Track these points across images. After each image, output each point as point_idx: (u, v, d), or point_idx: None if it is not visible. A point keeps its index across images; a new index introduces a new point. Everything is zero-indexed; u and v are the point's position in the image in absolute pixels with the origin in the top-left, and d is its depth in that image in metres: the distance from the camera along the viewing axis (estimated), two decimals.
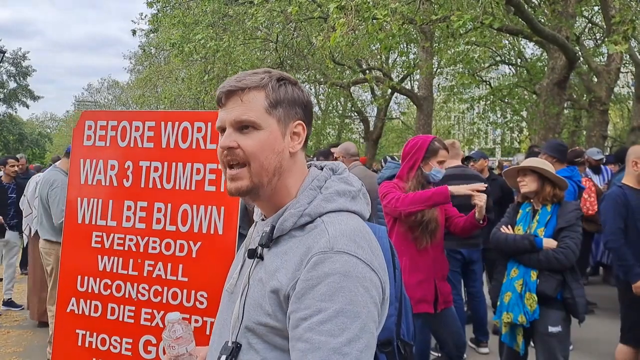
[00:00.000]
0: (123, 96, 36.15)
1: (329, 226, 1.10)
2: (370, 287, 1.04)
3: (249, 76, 1.17)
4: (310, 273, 1.03)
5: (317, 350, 0.96)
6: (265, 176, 1.14)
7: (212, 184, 2.52)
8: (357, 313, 1.00)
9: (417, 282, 3.26)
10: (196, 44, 10.44)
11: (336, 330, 0.98)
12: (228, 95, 1.16)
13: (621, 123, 22.42)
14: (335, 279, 1.01)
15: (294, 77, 1.25)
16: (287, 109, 1.18)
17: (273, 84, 1.17)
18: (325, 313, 0.99)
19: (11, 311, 6.48)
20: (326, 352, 0.96)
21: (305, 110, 1.22)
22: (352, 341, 0.98)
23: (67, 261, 2.73)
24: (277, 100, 1.16)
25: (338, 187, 1.19)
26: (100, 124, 2.74)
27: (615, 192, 3.82)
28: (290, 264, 1.08)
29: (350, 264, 1.03)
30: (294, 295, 1.04)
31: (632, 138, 10.57)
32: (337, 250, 1.05)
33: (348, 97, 18.09)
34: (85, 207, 2.70)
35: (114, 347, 2.57)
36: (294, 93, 1.19)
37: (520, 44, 16.33)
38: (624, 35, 6.27)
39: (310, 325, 0.99)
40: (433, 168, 3.32)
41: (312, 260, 1.05)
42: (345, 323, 0.98)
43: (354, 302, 1.00)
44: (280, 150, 1.16)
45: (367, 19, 6.37)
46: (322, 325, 0.98)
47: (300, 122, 1.20)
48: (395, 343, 1.45)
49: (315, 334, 0.98)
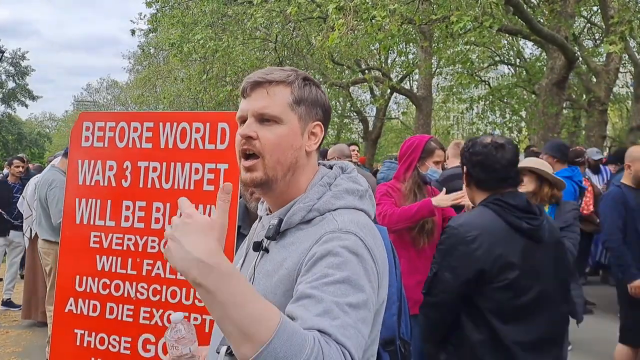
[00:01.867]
0: (122, 96, 36.11)
1: (337, 216, 1.13)
2: (370, 272, 1.06)
3: (277, 71, 1.20)
4: (321, 247, 1.05)
5: (320, 302, 0.95)
6: (280, 170, 1.16)
7: (211, 184, 2.52)
8: (361, 287, 1.00)
9: (417, 282, 3.25)
10: (195, 44, 10.45)
11: (339, 293, 0.97)
12: (254, 87, 1.18)
13: (620, 123, 22.43)
14: (344, 253, 1.03)
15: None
16: (309, 108, 1.20)
17: (299, 82, 1.20)
18: (332, 277, 0.99)
19: (10, 311, 6.49)
20: (329, 304, 0.94)
21: (325, 112, 1.25)
22: (353, 307, 0.97)
23: (64, 261, 2.74)
24: (300, 98, 1.19)
25: (347, 185, 1.21)
26: (98, 125, 2.74)
27: (614, 191, 3.84)
28: (298, 252, 1.10)
29: (358, 245, 1.06)
30: (304, 267, 1.05)
31: (631, 138, 10.57)
32: (346, 231, 1.07)
33: (347, 97, 18.08)
34: (84, 207, 2.70)
35: (113, 346, 2.58)
36: (317, 94, 1.22)
37: (519, 44, 16.33)
38: (621, 35, 6.28)
39: (314, 285, 0.98)
40: (429, 168, 3.32)
41: (323, 238, 1.07)
42: (349, 290, 0.98)
43: (359, 276, 1.02)
44: (298, 147, 1.18)
45: (366, 19, 6.38)
46: (326, 286, 0.98)
47: (319, 124, 1.23)
48: (397, 342, 1.46)
49: (319, 291, 0.97)
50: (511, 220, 2.09)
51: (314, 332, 0.88)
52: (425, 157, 3.33)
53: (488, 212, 2.13)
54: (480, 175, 2.22)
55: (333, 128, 24.24)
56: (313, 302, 0.95)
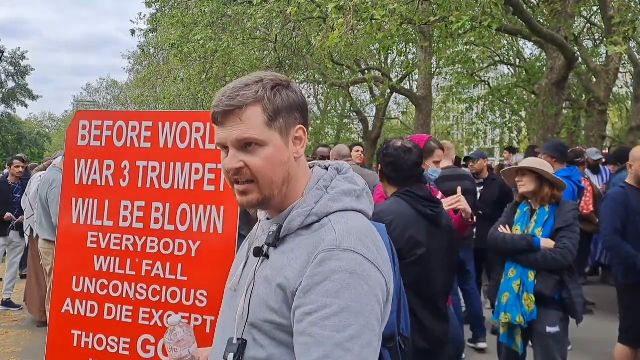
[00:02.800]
0: (122, 96, 36.08)
1: (336, 225, 1.11)
2: (375, 285, 1.06)
3: (242, 90, 1.13)
4: (317, 269, 1.05)
5: (321, 345, 0.97)
6: (275, 188, 1.15)
7: (211, 184, 2.51)
8: (361, 311, 1.01)
9: None
10: (195, 44, 10.43)
11: (340, 326, 0.98)
12: (225, 115, 1.13)
13: (620, 123, 22.42)
14: (341, 277, 1.02)
15: (292, 78, 1.25)
16: (286, 116, 1.16)
17: (269, 95, 1.14)
18: (330, 309, 1.00)
19: (10, 311, 6.48)
20: (329, 347, 0.97)
21: (303, 112, 1.21)
22: (355, 337, 0.98)
23: (61, 262, 2.72)
24: (275, 112, 1.14)
25: (344, 186, 1.20)
26: (95, 124, 2.72)
27: (616, 191, 3.80)
28: (297, 261, 1.09)
29: (357, 262, 1.05)
30: (300, 290, 1.05)
31: (631, 138, 10.57)
32: (344, 248, 1.06)
33: (347, 97, 18.06)
34: (80, 207, 2.68)
35: (112, 347, 2.57)
36: (289, 98, 1.17)
37: (519, 44, 16.33)
38: (624, 36, 6.27)
39: (314, 320, 1.00)
40: (429, 168, 3.33)
41: (319, 257, 1.06)
42: (349, 319, 0.99)
43: (359, 299, 1.02)
44: (287, 160, 1.16)
45: (366, 19, 6.37)
46: (326, 321, 0.99)
47: (301, 126, 1.20)
48: (397, 338, 1.46)
49: (319, 329, 0.99)
50: (419, 207, 2.54)
51: None
52: (425, 157, 3.33)
53: (401, 201, 2.57)
54: (391, 173, 2.67)
55: (333, 128, 24.25)
56: (314, 343, 0.98)
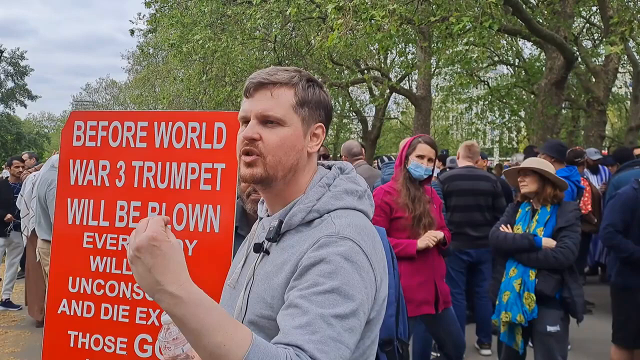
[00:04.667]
0: (121, 96, 36.07)
1: (336, 219, 1.13)
2: (366, 278, 1.06)
3: (281, 72, 1.19)
4: (315, 253, 1.06)
5: (305, 314, 0.97)
6: (281, 170, 1.16)
7: (207, 183, 2.50)
8: (351, 295, 1.01)
9: (418, 284, 3.25)
10: (194, 44, 10.43)
11: (327, 304, 0.99)
12: (257, 87, 1.18)
13: (619, 123, 22.44)
14: (337, 260, 1.03)
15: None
16: (312, 110, 1.20)
17: (303, 84, 1.19)
18: (321, 287, 1.01)
19: (9, 311, 6.48)
20: (312, 316, 0.97)
21: (327, 114, 1.25)
22: (340, 317, 0.98)
23: (56, 262, 2.70)
24: (304, 100, 1.19)
25: (346, 185, 1.21)
26: (90, 125, 2.71)
27: (626, 191, 3.68)
28: (296, 255, 1.10)
29: (354, 251, 1.06)
30: (297, 272, 1.06)
31: (630, 138, 10.59)
32: (342, 236, 1.08)
33: (346, 97, 18.09)
34: (76, 207, 2.67)
35: (108, 347, 2.56)
36: (319, 95, 1.22)
37: (518, 44, 16.33)
38: (622, 36, 6.27)
39: (303, 294, 1.00)
40: (411, 162, 3.34)
41: (320, 241, 1.07)
42: (338, 300, 1.00)
43: (351, 284, 1.02)
44: (300, 149, 1.19)
45: (365, 19, 6.37)
46: (315, 296, 1.00)
47: (321, 125, 1.23)
48: (395, 343, 1.46)
49: (306, 302, 0.99)
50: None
51: (289, 350, 0.92)
52: (410, 153, 3.39)
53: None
54: None
55: (332, 128, 24.25)
56: (299, 312, 0.98)
